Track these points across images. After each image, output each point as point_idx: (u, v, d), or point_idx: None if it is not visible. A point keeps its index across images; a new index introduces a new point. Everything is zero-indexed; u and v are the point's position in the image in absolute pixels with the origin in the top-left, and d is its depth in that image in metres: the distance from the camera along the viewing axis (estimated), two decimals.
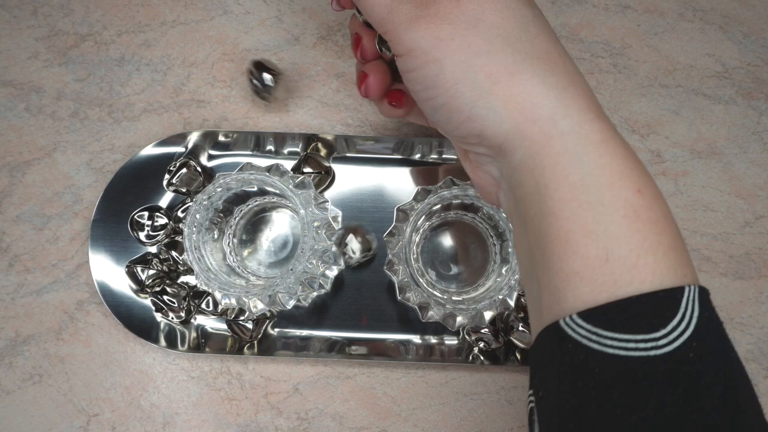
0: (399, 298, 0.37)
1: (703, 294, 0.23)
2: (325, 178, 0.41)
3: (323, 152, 0.42)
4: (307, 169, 0.40)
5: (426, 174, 0.42)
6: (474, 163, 0.29)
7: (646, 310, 0.22)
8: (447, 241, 0.41)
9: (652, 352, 0.21)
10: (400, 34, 0.27)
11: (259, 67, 0.40)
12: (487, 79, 0.26)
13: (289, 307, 0.37)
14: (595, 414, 0.22)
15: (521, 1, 0.28)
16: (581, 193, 0.24)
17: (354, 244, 0.38)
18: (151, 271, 0.39)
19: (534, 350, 0.25)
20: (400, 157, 0.42)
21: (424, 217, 0.38)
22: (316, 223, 0.36)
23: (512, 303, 0.35)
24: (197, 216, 0.36)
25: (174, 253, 0.40)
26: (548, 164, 0.24)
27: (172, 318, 0.39)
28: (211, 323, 0.41)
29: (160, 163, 0.41)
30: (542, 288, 0.25)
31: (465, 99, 0.26)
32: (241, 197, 0.39)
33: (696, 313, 0.22)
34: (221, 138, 0.41)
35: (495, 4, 0.27)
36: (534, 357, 0.25)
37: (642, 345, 0.21)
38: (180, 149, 0.41)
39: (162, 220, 0.40)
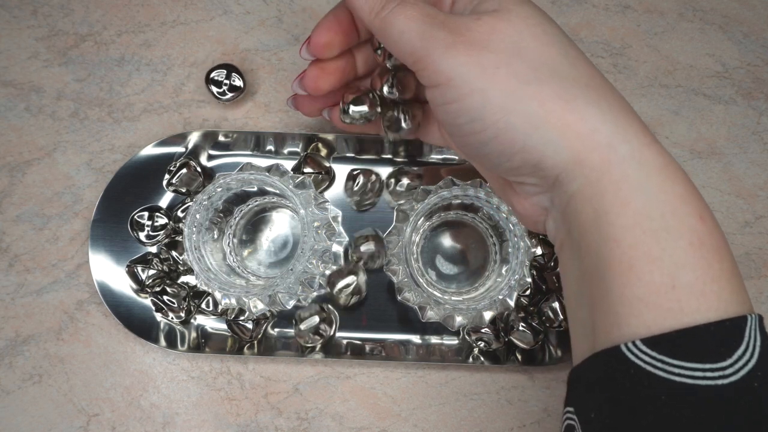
0: (399, 298, 0.37)
1: (761, 322, 0.23)
2: (326, 178, 0.41)
3: (323, 152, 0.42)
4: (307, 170, 0.40)
5: (426, 174, 0.42)
6: (521, 194, 0.28)
7: (714, 338, 0.22)
8: (447, 241, 0.41)
9: (719, 381, 0.21)
10: (436, 61, 0.25)
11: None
12: (541, 108, 0.25)
13: (289, 307, 0.37)
14: None
15: (553, 23, 0.27)
16: (645, 220, 0.23)
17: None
18: (152, 271, 0.39)
19: (581, 371, 0.25)
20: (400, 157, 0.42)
21: (424, 217, 0.38)
22: (316, 223, 0.36)
23: (512, 303, 0.35)
24: (197, 216, 0.36)
25: (174, 253, 0.40)
26: (609, 191, 0.24)
27: (172, 318, 0.39)
28: (211, 323, 0.41)
29: (160, 163, 0.41)
30: (597, 312, 0.24)
31: (518, 131, 0.25)
32: (241, 197, 0.39)
33: (758, 342, 0.22)
34: (221, 138, 0.41)
35: (532, 29, 0.26)
36: (581, 377, 0.25)
37: (710, 374, 0.21)
38: (180, 149, 0.41)
39: (162, 220, 0.40)
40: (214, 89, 0.41)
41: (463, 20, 0.26)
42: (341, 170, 0.42)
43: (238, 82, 0.41)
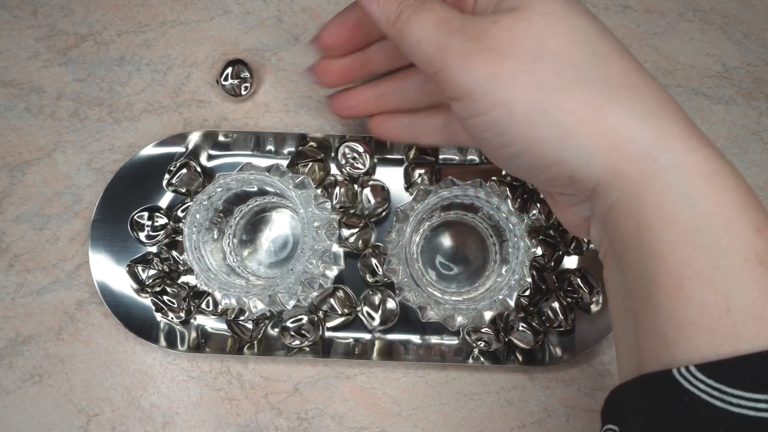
0: (399, 298, 0.37)
1: None
2: (322, 166, 0.41)
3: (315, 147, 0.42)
4: (300, 162, 0.40)
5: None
6: (561, 203, 0.27)
7: None
8: (447, 241, 0.41)
9: None
10: (454, 73, 0.24)
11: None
12: (570, 118, 0.23)
13: (289, 307, 0.37)
14: None
15: (581, 14, 0.24)
16: (694, 236, 0.21)
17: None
18: (152, 271, 0.39)
19: (627, 391, 0.24)
20: (400, 156, 0.42)
21: (424, 217, 0.38)
22: (316, 223, 0.36)
23: (512, 303, 0.35)
24: (197, 216, 0.36)
25: (174, 253, 0.40)
26: (651, 204, 0.22)
27: (172, 318, 0.39)
28: (211, 323, 0.41)
29: (160, 163, 0.41)
30: (643, 332, 0.23)
31: (547, 144, 0.23)
32: (241, 197, 0.39)
33: None
34: (221, 138, 0.41)
35: (555, 27, 0.23)
36: (626, 397, 0.24)
37: None
38: (180, 149, 0.41)
39: (162, 220, 0.40)
40: (231, 81, 0.42)
41: (481, 24, 0.24)
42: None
43: (248, 84, 0.42)
